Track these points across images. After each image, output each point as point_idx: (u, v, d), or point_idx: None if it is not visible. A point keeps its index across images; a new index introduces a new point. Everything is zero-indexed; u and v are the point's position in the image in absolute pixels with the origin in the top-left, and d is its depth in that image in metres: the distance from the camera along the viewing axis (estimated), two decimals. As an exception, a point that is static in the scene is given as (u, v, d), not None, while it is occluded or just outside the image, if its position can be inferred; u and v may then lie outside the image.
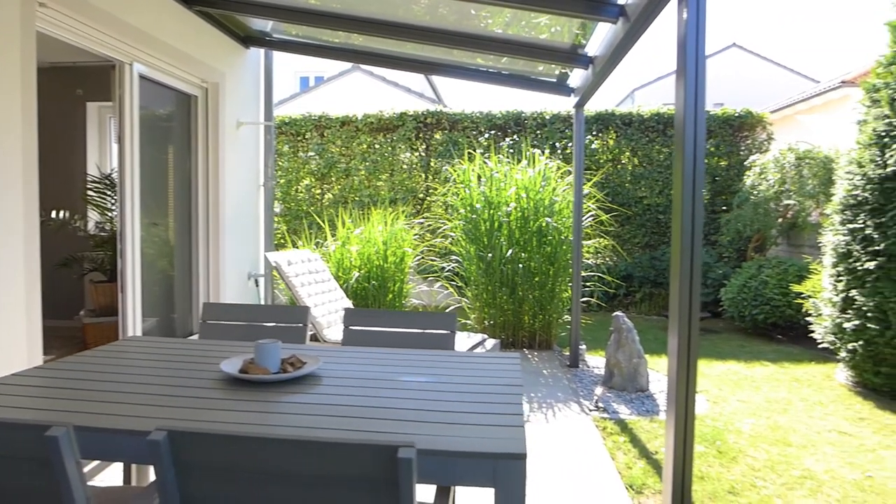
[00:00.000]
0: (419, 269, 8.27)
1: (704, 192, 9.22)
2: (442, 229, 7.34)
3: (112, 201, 5.91)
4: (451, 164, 8.39)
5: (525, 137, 9.30)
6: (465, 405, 1.81)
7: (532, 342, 6.47)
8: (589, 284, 7.54)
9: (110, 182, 5.95)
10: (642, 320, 8.12)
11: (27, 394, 1.89)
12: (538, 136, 9.42)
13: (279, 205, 9.75)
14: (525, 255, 6.30)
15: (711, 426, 4.12)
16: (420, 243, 7.49)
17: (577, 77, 5.30)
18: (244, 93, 5.79)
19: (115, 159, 4.42)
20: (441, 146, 9.61)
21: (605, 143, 9.53)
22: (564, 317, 6.51)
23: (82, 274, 6.18)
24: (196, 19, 4.84)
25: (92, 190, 6.07)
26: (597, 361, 5.85)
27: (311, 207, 9.70)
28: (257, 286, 6.07)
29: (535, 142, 9.22)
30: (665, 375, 5.25)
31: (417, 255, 7.27)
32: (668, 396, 2.50)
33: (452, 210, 6.98)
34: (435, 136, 9.71)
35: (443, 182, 9.09)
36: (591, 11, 3.58)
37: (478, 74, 5.95)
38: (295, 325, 2.89)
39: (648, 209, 9.38)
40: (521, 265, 6.24)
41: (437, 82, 21.04)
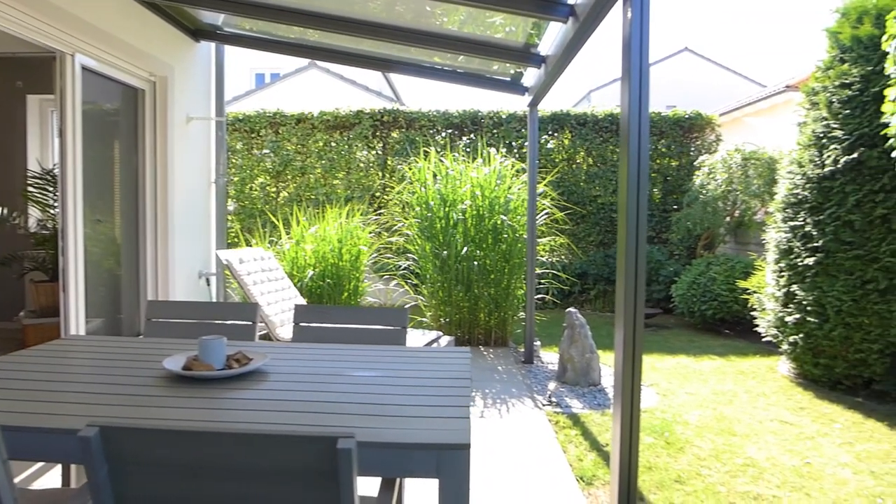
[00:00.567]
0: (375, 267, 8.22)
1: (656, 191, 9.55)
2: (398, 227, 7.32)
3: (54, 198, 5.68)
4: (408, 162, 8.37)
5: (481, 136, 9.35)
6: (411, 398, 1.82)
7: (488, 339, 6.51)
8: (544, 282, 7.64)
9: (52, 178, 5.72)
10: (596, 317, 8.27)
11: (-46, 395, 1.81)
12: (494, 135, 9.49)
13: (233, 203, 9.55)
14: (480, 252, 6.33)
15: (661, 418, 4.23)
16: (376, 241, 7.45)
17: (531, 76, 5.36)
18: (194, 87, 5.65)
19: (57, 154, 4.25)
20: (398, 145, 9.58)
21: (560, 142, 9.66)
22: (520, 314, 6.56)
23: (22, 273, 5.93)
24: (143, 10, 4.70)
25: (32, 186, 5.82)
26: (551, 357, 5.93)
27: (266, 206, 9.54)
28: (209, 285, 5.94)
29: (491, 141, 9.27)
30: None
31: (373, 253, 7.23)
32: (615, 389, 2.55)
33: (409, 208, 6.96)
34: (392, 135, 9.68)
35: (399, 180, 9.07)
36: (542, 11, 3.63)
37: (434, 72, 5.95)
38: (244, 323, 2.84)
39: (602, 208, 9.55)
40: (476, 263, 6.26)
41: (396, 81, 20.96)
